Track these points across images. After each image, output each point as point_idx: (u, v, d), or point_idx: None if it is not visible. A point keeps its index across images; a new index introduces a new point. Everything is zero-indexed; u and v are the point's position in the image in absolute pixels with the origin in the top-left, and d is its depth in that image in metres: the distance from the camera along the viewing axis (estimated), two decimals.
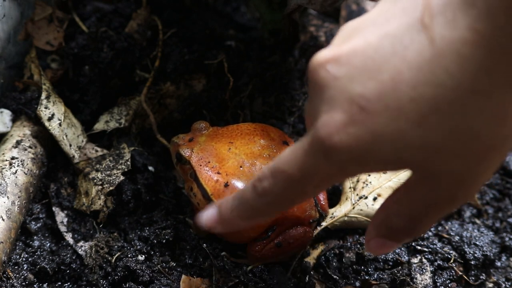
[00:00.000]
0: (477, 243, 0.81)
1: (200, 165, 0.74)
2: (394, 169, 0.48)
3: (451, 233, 0.83)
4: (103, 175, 0.82)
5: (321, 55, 0.47)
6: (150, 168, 0.85)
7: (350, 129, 0.44)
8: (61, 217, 0.83)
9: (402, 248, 0.80)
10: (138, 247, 0.78)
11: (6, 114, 0.87)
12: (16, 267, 0.77)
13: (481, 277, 0.79)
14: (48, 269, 0.76)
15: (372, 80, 0.44)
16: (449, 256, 0.80)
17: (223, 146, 0.76)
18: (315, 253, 0.80)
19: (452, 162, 0.45)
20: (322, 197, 0.79)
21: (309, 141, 0.48)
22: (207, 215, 0.60)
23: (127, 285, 0.74)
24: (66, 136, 0.85)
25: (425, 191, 0.49)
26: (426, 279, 0.77)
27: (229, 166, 0.73)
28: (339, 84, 0.45)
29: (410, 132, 0.43)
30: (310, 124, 0.50)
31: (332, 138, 0.45)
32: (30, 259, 0.78)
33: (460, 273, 0.79)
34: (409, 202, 0.50)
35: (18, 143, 0.84)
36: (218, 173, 0.73)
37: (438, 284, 0.78)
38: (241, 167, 0.73)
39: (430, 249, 0.80)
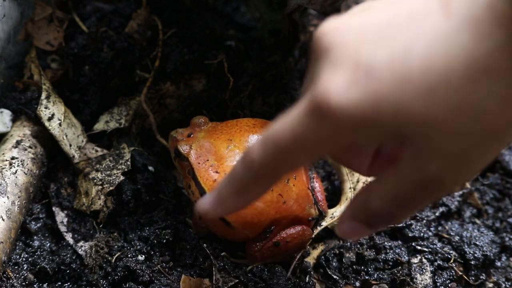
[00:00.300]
0: (477, 243, 0.81)
1: (199, 163, 0.73)
2: (388, 141, 0.46)
3: (451, 233, 0.83)
4: (103, 175, 0.82)
5: (330, 22, 0.46)
6: (150, 168, 0.85)
7: (352, 91, 0.42)
8: (61, 217, 0.83)
9: (402, 248, 0.81)
10: (138, 247, 0.78)
11: (6, 114, 0.87)
12: (16, 267, 0.77)
13: (481, 277, 0.79)
14: (48, 269, 0.76)
15: (382, 47, 0.43)
16: (449, 256, 0.80)
17: (222, 143, 0.75)
18: (315, 253, 0.80)
19: (451, 140, 0.44)
20: (321, 197, 0.79)
21: (304, 103, 0.45)
22: (206, 199, 0.56)
23: (127, 285, 0.74)
24: (66, 136, 0.85)
25: (414, 170, 0.46)
26: (426, 279, 0.77)
27: (228, 165, 0.73)
28: (346, 48, 0.44)
29: (414, 103, 0.42)
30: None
31: (330, 97, 0.43)
32: (30, 259, 0.78)
33: (460, 273, 0.79)
34: (396, 182, 0.48)
35: (18, 143, 0.84)
36: (217, 172, 0.72)
37: (438, 284, 0.78)
38: None
39: (430, 249, 0.80)
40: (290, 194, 0.73)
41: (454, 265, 0.79)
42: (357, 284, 0.78)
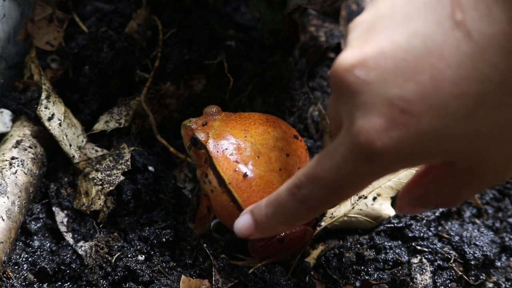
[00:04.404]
0: (477, 243, 0.81)
1: (217, 152, 0.72)
2: (438, 162, 0.48)
3: (451, 233, 0.82)
4: (103, 175, 0.82)
5: (345, 60, 0.46)
6: (150, 168, 0.85)
7: (393, 132, 0.44)
8: (61, 217, 0.83)
9: (402, 248, 0.80)
10: (138, 247, 0.78)
11: (6, 114, 0.87)
12: (16, 267, 0.77)
13: (481, 277, 0.79)
14: (48, 269, 0.76)
15: (410, 81, 0.43)
16: (449, 256, 0.80)
17: (239, 133, 0.74)
18: (315, 253, 0.80)
19: (501, 150, 0.45)
20: None
21: (347, 148, 0.47)
22: (241, 224, 0.62)
23: (127, 285, 0.74)
24: (66, 136, 0.85)
25: (470, 178, 0.49)
26: (426, 279, 0.77)
27: (247, 154, 0.72)
28: (372, 88, 0.44)
29: (457, 127, 0.43)
30: (336, 128, 0.50)
31: (374, 143, 0.45)
32: (30, 259, 0.78)
33: (460, 273, 0.79)
34: (452, 186, 0.51)
35: (18, 143, 0.84)
36: (237, 161, 0.72)
37: (438, 284, 0.77)
38: (258, 157, 0.72)
39: (430, 249, 0.80)
40: None
41: (454, 265, 0.79)
42: (357, 284, 0.78)
